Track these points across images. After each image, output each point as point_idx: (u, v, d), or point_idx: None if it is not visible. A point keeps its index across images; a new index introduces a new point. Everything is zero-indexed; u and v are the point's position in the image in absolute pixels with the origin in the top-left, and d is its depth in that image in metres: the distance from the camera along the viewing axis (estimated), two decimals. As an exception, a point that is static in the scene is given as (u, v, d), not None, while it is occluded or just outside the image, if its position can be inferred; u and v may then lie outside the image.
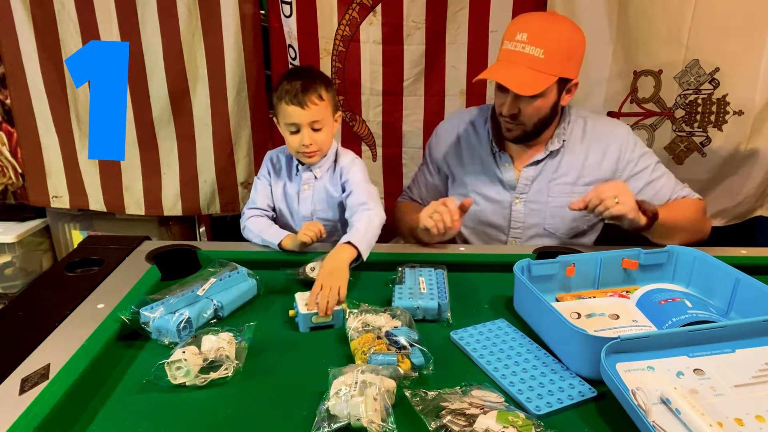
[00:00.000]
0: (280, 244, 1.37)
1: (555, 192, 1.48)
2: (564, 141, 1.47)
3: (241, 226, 1.50)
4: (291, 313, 1.08)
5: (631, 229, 1.31)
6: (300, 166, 1.49)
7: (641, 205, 1.28)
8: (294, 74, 1.40)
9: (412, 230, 1.47)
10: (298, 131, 1.37)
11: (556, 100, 1.38)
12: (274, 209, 1.56)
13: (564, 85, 1.37)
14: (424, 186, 1.68)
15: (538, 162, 1.48)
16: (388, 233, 1.72)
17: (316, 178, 1.49)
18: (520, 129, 1.41)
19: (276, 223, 1.52)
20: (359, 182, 1.43)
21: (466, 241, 1.61)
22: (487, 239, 1.58)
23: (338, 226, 1.54)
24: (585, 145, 1.48)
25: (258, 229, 1.44)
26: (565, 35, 1.32)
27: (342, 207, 1.49)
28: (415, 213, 1.46)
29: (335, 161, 1.49)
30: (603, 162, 1.47)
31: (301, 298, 1.09)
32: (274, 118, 1.46)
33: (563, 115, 1.49)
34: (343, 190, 1.47)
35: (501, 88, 1.38)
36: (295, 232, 1.38)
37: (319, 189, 1.49)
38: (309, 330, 1.06)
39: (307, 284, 1.16)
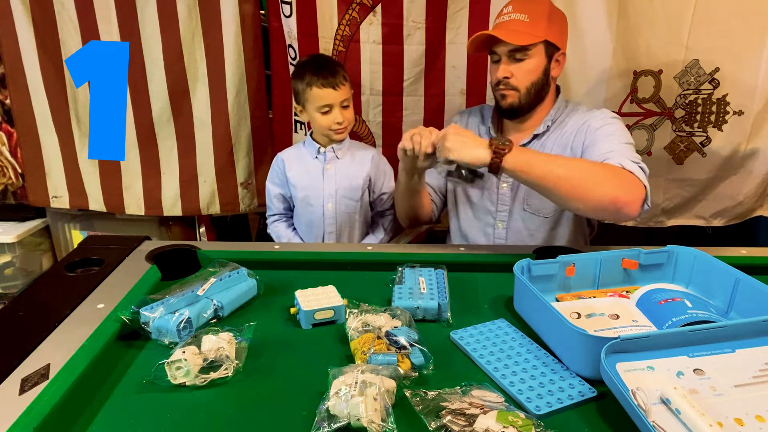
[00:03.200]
0: None
1: None
2: (549, 126, 1.50)
3: (268, 230, 1.76)
4: (292, 310, 1.08)
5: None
6: (321, 148, 1.64)
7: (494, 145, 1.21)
8: (315, 63, 1.57)
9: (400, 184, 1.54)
10: (329, 112, 1.55)
11: (546, 66, 1.45)
12: (291, 209, 1.74)
13: (552, 52, 1.44)
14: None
15: (524, 146, 1.51)
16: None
17: (338, 158, 1.65)
18: (515, 94, 1.46)
19: (301, 215, 1.69)
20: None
21: (459, 228, 1.65)
22: (477, 224, 1.61)
23: (355, 216, 1.66)
24: (565, 129, 1.50)
25: (286, 239, 1.69)
26: (545, 4, 1.46)
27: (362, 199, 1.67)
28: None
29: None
30: (576, 137, 1.45)
31: (301, 296, 1.09)
32: (297, 106, 1.61)
33: (557, 101, 1.52)
34: (370, 182, 1.66)
35: (495, 60, 1.47)
36: (320, 217, 1.64)
37: (341, 168, 1.65)
38: (311, 327, 1.06)
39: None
